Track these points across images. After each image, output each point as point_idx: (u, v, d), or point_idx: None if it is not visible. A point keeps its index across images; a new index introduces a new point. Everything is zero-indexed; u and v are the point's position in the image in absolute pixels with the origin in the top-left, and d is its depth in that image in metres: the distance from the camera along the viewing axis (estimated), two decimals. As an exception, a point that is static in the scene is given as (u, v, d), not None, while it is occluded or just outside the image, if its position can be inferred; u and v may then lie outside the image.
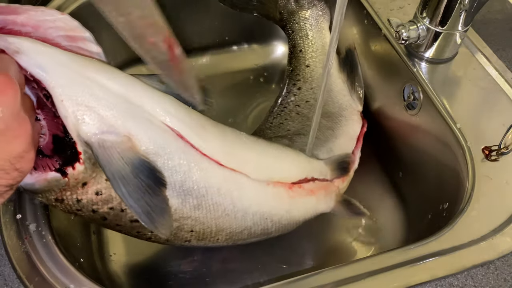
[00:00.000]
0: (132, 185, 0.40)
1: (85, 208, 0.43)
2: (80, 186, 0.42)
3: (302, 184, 0.54)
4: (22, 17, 0.38)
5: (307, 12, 0.73)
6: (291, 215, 0.54)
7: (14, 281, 0.46)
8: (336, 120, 0.65)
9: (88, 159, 0.40)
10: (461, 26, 0.61)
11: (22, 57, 0.37)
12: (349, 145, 0.64)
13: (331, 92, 0.68)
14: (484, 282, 0.48)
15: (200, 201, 0.45)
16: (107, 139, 0.40)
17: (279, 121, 0.66)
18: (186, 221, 0.46)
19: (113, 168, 0.39)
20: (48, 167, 0.41)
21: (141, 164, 0.40)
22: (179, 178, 0.43)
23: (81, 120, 0.39)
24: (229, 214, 0.48)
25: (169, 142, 0.43)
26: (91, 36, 0.42)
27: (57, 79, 0.38)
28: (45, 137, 0.41)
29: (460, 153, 0.57)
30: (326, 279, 0.46)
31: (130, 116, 0.41)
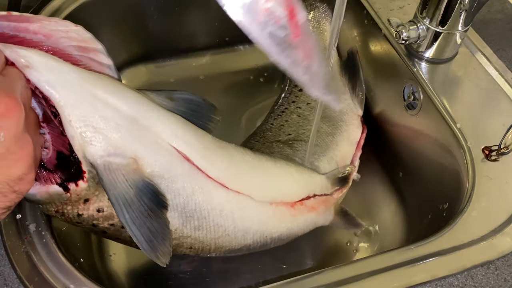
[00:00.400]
0: (135, 210, 0.39)
1: (86, 222, 0.43)
2: (82, 202, 0.41)
3: (304, 201, 0.54)
4: (35, 26, 0.38)
5: (309, 14, 0.73)
6: (291, 232, 0.54)
7: (14, 281, 0.46)
8: (336, 125, 0.65)
9: (92, 178, 0.40)
10: (461, 26, 0.61)
11: (32, 72, 0.36)
12: (349, 152, 0.64)
13: None
14: (484, 282, 0.48)
15: (201, 223, 0.45)
16: (113, 161, 0.39)
17: (279, 122, 0.65)
18: (185, 240, 0.46)
19: (117, 192, 0.39)
20: (50, 181, 0.40)
21: (144, 187, 0.40)
22: (181, 200, 0.43)
23: (88, 141, 0.38)
24: (229, 234, 0.48)
25: (174, 164, 0.42)
26: (103, 48, 0.41)
27: (66, 98, 0.37)
28: (49, 151, 0.40)
29: (460, 153, 0.57)
30: (326, 279, 0.46)
31: (137, 138, 0.40)
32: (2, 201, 0.35)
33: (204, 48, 0.88)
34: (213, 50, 0.89)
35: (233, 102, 0.84)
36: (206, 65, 0.89)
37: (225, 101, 0.84)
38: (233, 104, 0.84)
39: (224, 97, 0.85)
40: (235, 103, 0.84)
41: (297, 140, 0.62)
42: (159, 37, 0.84)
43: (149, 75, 0.86)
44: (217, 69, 0.88)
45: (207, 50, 0.89)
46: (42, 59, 0.37)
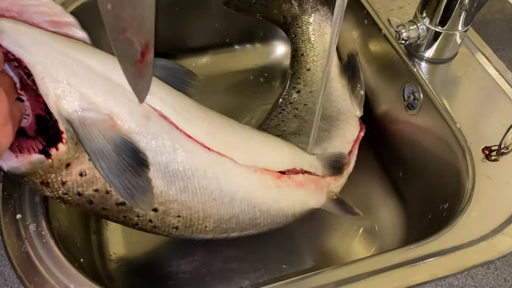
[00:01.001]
0: (113, 162, 0.40)
1: (71, 191, 0.44)
2: (64, 167, 0.42)
3: (291, 175, 0.53)
4: (6, 3, 0.39)
5: (310, 16, 0.73)
6: (279, 206, 0.53)
7: (14, 281, 0.46)
8: (333, 123, 0.65)
9: (70, 138, 0.41)
10: (461, 26, 0.61)
11: (3, 36, 0.38)
12: (344, 148, 0.64)
13: (330, 96, 0.68)
14: (484, 282, 0.48)
15: (186, 184, 0.45)
16: (87, 116, 0.40)
17: (275, 122, 0.66)
18: (172, 205, 0.46)
19: (93, 145, 0.40)
20: (33, 149, 0.41)
21: (123, 144, 0.41)
22: (163, 159, 0.43)
23: (62, 97, 0.39)
24: (216, 198, 0.48)
25: (152, 122, 0.42)
26: (76, 22, 0.42)
27: (37, 57, 0.38)
28: (29, 118, 0.41)
29: (460, 153, 0.57)
30: (326, 279, 0.46)
31: (111, 95, 0.41)
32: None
33: (204, 48, 0.88)
34: (213, 50, 0.89)
35: (233, 102, 0.84)
36: (206, 65, 0.89)
37: (225, 101, 0.84)
38: (233, 104, 0.84)
39: (224, 97, 0.85)
40: (235, 103, 0.84)
41: (290, 134, 0.62)
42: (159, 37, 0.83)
43: (149, 75, 0.86)
44: (217, 69, 0.88)
45: (207, 50, 0.89)
46: (12, 24, 0.38)
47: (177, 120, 0.44)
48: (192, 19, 0.83)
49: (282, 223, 0.56)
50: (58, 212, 0.53)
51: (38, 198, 0.50)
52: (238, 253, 0.65)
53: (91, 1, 0.72)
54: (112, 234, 0.65)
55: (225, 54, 0.90)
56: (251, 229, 0.53)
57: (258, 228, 0.54)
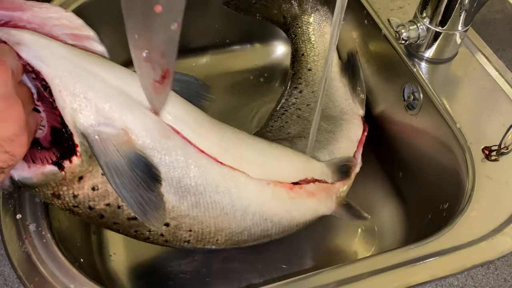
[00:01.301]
0: (127, 177, 0.40)
1: (82, 204, 0.43)
2: (77, 180, 0.42)
3: (303, 185, 0.53)
4: (28, 14, 0.39)
5: (310, 16, 0.73)
6: (291, 216, 0.54)
7: (14, 281, 0.46)
8: (336, 124, 0.65)
9: (84, 151, 0.41)
10: (461, 26, 0.61)
11: (23, 48, 0.38)
12: (350, 149, 0.64)
13: (332, 96, 0.68)
14: (484, 282, 0.48)
15: (198, 199, 0.45)
16: (103, 131, 0.40)
17: (279, 124, 0.66)
18: (184, 220, 0.46)
19: (107, 159, 0.40)
20: (46, 160, 0.41)
21: (137, 159, 0.40)
22: (176, 174, 0.43)
23: (78, 111, 0.39)
24: (228, 213, 0.48)
25: (166, 137, 0.42)
26: (96, 36, 0.42)
27: (55, 70, 0.38)
28: (44, 129, 0.41)
29: (460, 153, 0.57)
30: (326, 279, 0.46)
31: (127, 110, 0.41)
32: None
33: (204, 48, 0.88)
34: (213, 50, 0.89)
35: (233, 102, 0.84)
36: (206, 65, 0.89)
37: (225, 101, 0.84)
38: (233, 104, 0.84)
39: (224, 97, 0.85)
40: (235, 103, 0.84)
41: (296, 137, 0.62)
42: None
43: (149, 75, 0.86)
44: (217, 69, 0.88)
45: (207, 50, 0.89)
46: (33, 37, 0.38)
47: (190, 135, 0.44)
48: (192, 19, 0.83)
49: (293, 231, 0.56)
50: (58, 212, 0.53)
51: (38, 198, 0.50)
52: (238, 253, 0.65)
53: (91, 1, 0.72)
54: (112, 234, 0.65)
55: (225, 54, 0.90)
56: (262, 239, 0.54)
57: (269, 238, 0.54)
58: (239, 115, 0.82)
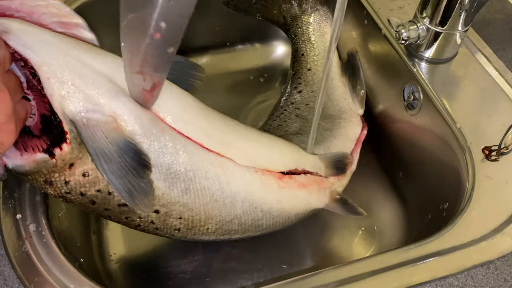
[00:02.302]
0: (115, 164, 0.40)
1: (74, 190, 0.44)
2: (68, 167, 0.42)
3: (293, 175, 0.53)
4: (16, 3, 0.39)
5: (310, 17, 0.73)
6: (281, 207, 0.53)
7: (14, 281, 0.46)
8: (335, 122, 0.65)
9: (74, 139, 0.41)
10: (461, 26, 0.61)
11: (11, 36, 0.38)
12: (347, 147, 0.64)
13: (332, 95, 0.68)
14: (484, 282, 0.48)
15: (188, 185, 0.45)
16: (91, 117, 0.40)
17: (278, 123, 0.66)
18: (174, 207, 0.46)
19: (95, 145, 0.40)
20: (37, 148, 0.41)
21: (126, 146, 0.41)
22: (165, 160, 0.43)
23: (66, 97, 0.39)
24: (217, 200, 0.48)
25: (154, 123, 0.43)
26: (84, 23, 0.42)
27: (43, 57, 0.39)
28: (35, 117, 0.41)
29: (460, 153, 0.57)
30: (326, 279, 0.46)
31: (116, 96, 0.41)
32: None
33: (204, 48, 0.88)
34: (213, 50, 0.89)
35: (233, 102, 0.84)
36: (206, 65, 0.89)
37: (225, 101, 0.84)
38: (233, 104, 0.84)
39: (224, 97, 0.85)
40: (235, 103, 0.84)
41: (293, 134, 0.62)
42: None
43: (149, 75, 0.86)
44: (217, 69, 0.88)
45: (207, 50, 0.89)
46: (20, 25, 0.39)
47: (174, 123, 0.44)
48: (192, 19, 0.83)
49: (285, 224, 0.55)
50: (58, 212, 0.53)
51: (38, 198, 0.50)
52: (238, 253, 0.65)
53: (91, 1, 0.72)
54: (112, 234, 0.65)
55: (225, 54, 0.90)
56: (253, 231, 0.53)
57: (261, 230, 0.54)
58: (239, 115, 0.82)
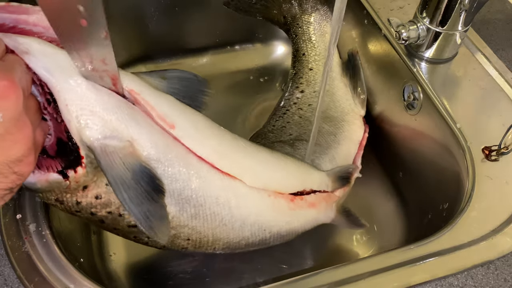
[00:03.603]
0: (133, 191, 0.39)
1: (84, 210, 0.43)
2: (81, 189, 0.42)
3: (303, 196, 0.53)
4: (34, 17, 0.39)
5: (310, 16, 0.73)
6: (290, 227, 0.53)
7: (14, 281, 0.46)
8: (338, 125, 0.65)
9: (90, 163, 0.40)
10: (461, 26, 0.61)
11: (31, 58, 0.37)
12: (351, 151, 0.64)
13: (334, 96, 0.68)
14: (484, 282, 0.48)
15: (198, 210, 0.45)
16: (109, 144, 0.39)
17: (281, 124, 0.66)
18: (183, 230, 0.46)
19: (114, 173, 0.39)
20: (51, 168, 0.41)
21: (141, 171, 0.40)
22: (178, 186, 0.43)
23: (85, 125, 0.38)
24: (226, 224, 0.48)
25: (168, 147, 0.42)
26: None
27: (62, 83, 0.38)
28: (51, 137, 0.41)
29: (460, 153, 0.57)
30: (326, 279, 0.46)
31: (133, 120, 0.40)
32: (3, 182, 0.35)
33: (204, 48, 0.88)
34: (213, 50, 0.89)
35: (233, 102, 0.84)
36: (206, 65, 0.89)
37: (225, 101, 0.84)
38: (233, 104, 0.84)
39: (224, 97, 0.85)
40: (235, 104, 0.84)
41: (298, 140, 0.62)
42: (159, 37, 0.84)
43: (149, 75, 0.86)
44: (217, 69, 0.88)
45: (207, 50, 0.89)
46: (40, 46, 0.38)
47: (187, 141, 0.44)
48: (192, 19, 0.83)
49: (291, 239, 0.56)
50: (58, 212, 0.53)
51: (38, 198, 0.50)
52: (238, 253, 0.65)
53: (91, 1, 0.72)
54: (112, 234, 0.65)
55: (225, 54, 0.90)
56: (259, 247, 0.53)
57: (267, 245, 0.54)
58: (239, 115, 0.82)
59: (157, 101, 0.42)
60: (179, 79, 0.46)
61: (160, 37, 0.84)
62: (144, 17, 0.80)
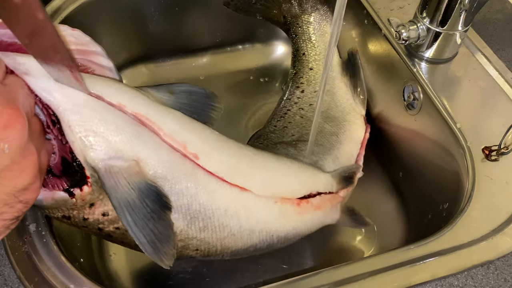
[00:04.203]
0: (138, 212, 0.39)
1: (91, 226, 0.43)
2: (88, 206, 0.41)
3: (309, 199, 0.53)
4: None
5: (310, 16, 0.73)
6: (297, 231, 0.53)
7: (14, 281, 0.46)
8: (340, 125, 0.65)
9: (95, 182, 0.40)
10: (461, 26, 0.61)
11: (31, 79, 0.36)
12: (353, 151, 0.64)
13: (334, 95, 0.68)
14: (484, 282, 0.48)
15: (206, 223, 0.45)
16: (114, 164, 0.39)
17: (283, 124, 0.66)
18: (191, 241, 0.46)
19: (119, 195, 0.39)
20: (57, 186, 0.40)
21: (147, 189, 0.40)
22: (185, 201, 0.43)
23: (89, 146, 0.38)
24: (235, 234, 0.47)
25: (176, 164, 0.42)
26: (103, 51, 0.41)
27: (64, 104, 0.37)
28: (56, 156, 0.40)
29: (460, 153, 0.57)
30: (326, 279, 0.46)
31: (139, 140, 0.40)
32: (9, 212, 0.35)
33: (204, 48, 0.88)
34: (213, 50, 0.89)
35: (233, 102, 0.84)
36: (206, 65, 0.89)
37: (225, 101, 0.84)
38: (233, 104, 0.84)
39: (224, 98, 0.85)
40: (235, 103, 0.84)
41: (301, 141, 0.62)
42: (159, 37, 0.84)
43: (149, 75, 0.86)
44: (217, 69, 0.88)
45: (207, 50, 0.89)
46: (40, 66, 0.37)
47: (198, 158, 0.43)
48: (192, 19, 0.83)
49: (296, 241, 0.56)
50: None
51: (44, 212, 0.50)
52: (239, 253, 0.65)
53: (90, 1, 0.72)
54: (112, 234, 0.65)
55: (225, 54, 0.90)
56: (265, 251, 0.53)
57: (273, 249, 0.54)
58: (239, 115, 0.82)
59: (164, 120, 0.42)
60: (187, 94, 0.45)
61: (160, 37, 0.83)
62: (144, 17, 0.80)
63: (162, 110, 0.43)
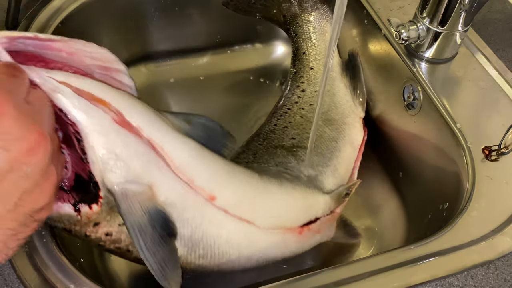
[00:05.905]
0: (149, 237, 0.39)
1: (92, 242, 0.44)
2: (92, 225, 0.42)
3: (310, 225, 0.54)
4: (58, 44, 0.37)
5: (310, 15, 0.73)
6: (295, 253, 0.55)
7: (14, 281, 0.46)
8: (339, 129, 0.65)
9: (107, 203, 0.40)
10: (461, 26, 0.61)
11: (60, 97, 0.36)
12: (351, 157, 0.64)
13: (334, 96, 0.68)
14: (484, 282, 0.48)
15: (206, 251, 0.46)
16: (130, 188, 0.39)
17: (283, 124, 0.65)
18: (189, 266, 0.46)
19: (133, 219, 0.39)
20: (63, 199, 0.40)
21: (156, 214, 0.40)
22: (189, 230, 0.43)
23: (109, 168, 0.38)
24: (233, 261, 0.48)
25: (187, 193, 0.42)
26: (126, 69, 0.41)
27: (91, 125, 0.37)
28: (67, 171, 0.40)
29: (460, 153, 0.57)
30: (326, 279, 0.46)
31: (156, 166, 0.40)
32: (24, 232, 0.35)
33: (204, 48, 0.88)
34: (213, 50, 0.89)
35: (233, 102, 0.84)
36: (206, 65, 0.89)
37: (225, 101, 0.84)
38: (233, 104, 0.84)
39: (224, 97, 0.85)
40: (235, 103, 0.84)
41: (301, 147, 0.61)
42: (159, 37, 0.84)
43: (149, 75, 0.86)
44: (217, 69, 0.88)
45: (207, 50, 0.89)
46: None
47: (209, 194, 0.44)
48: (192, 19, 0.83)
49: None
50: (58, 212, 0.53)
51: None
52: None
53: (91, 1, 0.72)
54: (112, 234, 0.65)
55: (225, 54, 0.90)
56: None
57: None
58: (239, 115, 0.82)
59: (176, 152, 0.42)
60: (203, 127, 0.46)
61: (160, 37, 0.84)
62: (144, 17, 0.80)
63: (176, 140, 0.43)
